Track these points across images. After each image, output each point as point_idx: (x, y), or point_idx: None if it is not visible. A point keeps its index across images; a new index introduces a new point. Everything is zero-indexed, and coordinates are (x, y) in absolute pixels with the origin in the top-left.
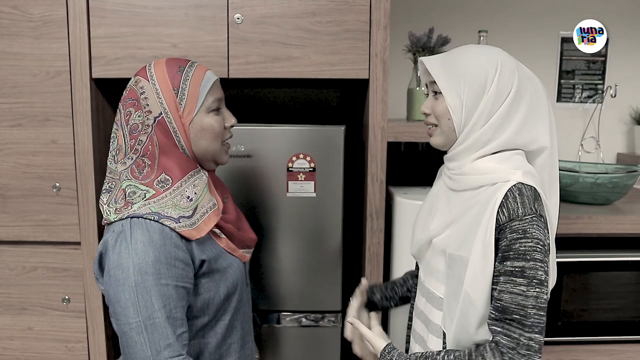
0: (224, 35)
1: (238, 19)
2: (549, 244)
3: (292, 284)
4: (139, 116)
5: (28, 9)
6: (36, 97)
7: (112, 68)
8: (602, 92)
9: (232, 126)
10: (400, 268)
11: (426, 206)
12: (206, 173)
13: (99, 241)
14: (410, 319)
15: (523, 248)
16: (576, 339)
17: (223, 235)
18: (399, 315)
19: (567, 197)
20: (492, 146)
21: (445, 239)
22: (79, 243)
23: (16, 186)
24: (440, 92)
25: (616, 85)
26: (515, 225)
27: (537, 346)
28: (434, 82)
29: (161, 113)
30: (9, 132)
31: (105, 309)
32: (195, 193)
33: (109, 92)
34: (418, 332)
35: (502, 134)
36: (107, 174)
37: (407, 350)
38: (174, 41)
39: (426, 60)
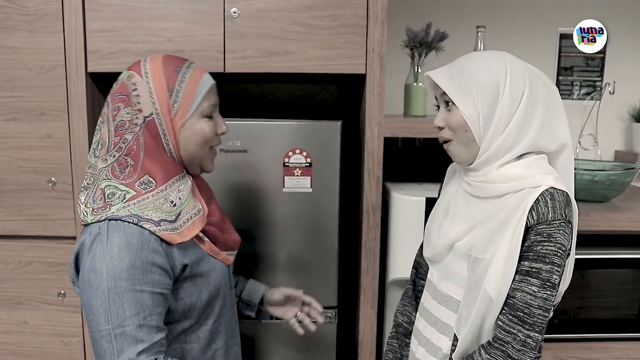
0: (220, 29)
1: (234, 13)
2: (570, 249)
3: (287, 280)
4: (127, 113)
5: (23, 2)
6: (31, 91)
7: (107, 62)
8: (601, 89)
9: (222, 133)
10: (397, 264)
11: (441, 208)
12: (191, 178)
13: None
14: (405, 313)
15: (544, 251)
16: (572, 336)
17: (206, 239)
18: (394, 306)
19: None
20: (516, 150)
21: (469, 241)
22: (74, 237)
23: (11, 180)
24: (453, 102)
25: (614, 83)
26: (542, 228)
27: (533, 344)
28: (444, 93)
29: (152, 113)
30: (4, 126)
31: None
32: (179, 198)
33: (104, 87)
34: (422, 332)
35: (524, 136)
36: (86, 169)
37: (398, 325)
38: (170, 35)
39: (432, 74)
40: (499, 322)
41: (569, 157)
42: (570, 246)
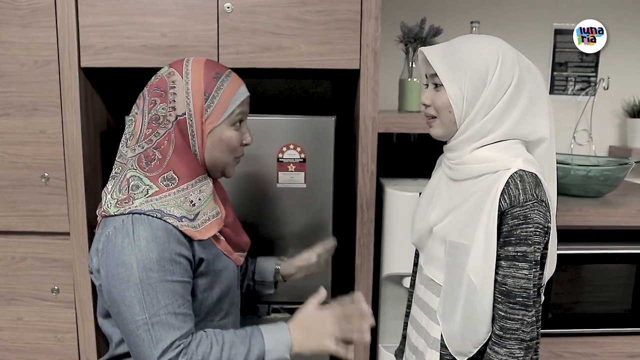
0: (214, 24)
1: (228, 8)
2: (549, 226)
3: None
4: (162, 108)
5: None
6: (24, 86)
7: (100, 57)
8: (595, 84)
9: (247, 144)
10: (391, 259)
11: (426, 195)
12: (211, 180)
13: (89, 232)
14: (409, 306)
15: (524, 234)
16: (566, 330)
17: (222, 238)
18: (388, 301)
19: (559, 189)
20: (492, 137)
21: (446, 226)
22: (68, 233)
23: (4, 176)
24: (441, 85)
25: (609, 78)
26: (517, 211)
27: (535, 319)
28: (435, 74)
29: (185, 113)
30: None
31: (95, 299)
32: (199, 199)
33: (98, 82)
34: (416, 318)
35: (502, 125)
36: (116, 158)
37: (404, 337)
38: (164, 30)
39: (426, 51)
40: (500, 312)
41: (547, 151)
42: (549, 223)
